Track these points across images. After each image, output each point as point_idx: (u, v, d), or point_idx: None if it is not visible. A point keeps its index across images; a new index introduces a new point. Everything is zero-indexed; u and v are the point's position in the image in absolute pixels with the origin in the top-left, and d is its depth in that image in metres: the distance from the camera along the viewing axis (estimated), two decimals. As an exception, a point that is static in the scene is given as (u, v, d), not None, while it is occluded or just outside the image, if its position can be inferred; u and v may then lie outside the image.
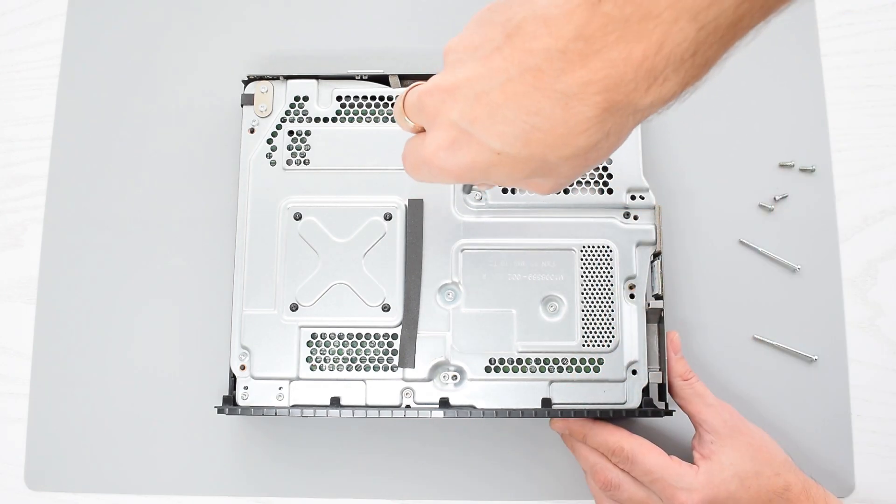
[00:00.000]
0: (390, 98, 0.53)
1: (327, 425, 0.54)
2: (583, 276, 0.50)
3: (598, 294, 0.50)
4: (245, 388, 0.50)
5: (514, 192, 0.51)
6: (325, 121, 0.53)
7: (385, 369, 0.50)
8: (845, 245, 0.56)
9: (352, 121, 0.53)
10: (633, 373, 0.49)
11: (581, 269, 0.50)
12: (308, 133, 0.53)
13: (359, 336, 0.50)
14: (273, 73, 0.54)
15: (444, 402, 0.49)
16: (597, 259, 0.51)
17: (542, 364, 0.49)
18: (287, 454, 0.54)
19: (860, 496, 0.53)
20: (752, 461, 0.46)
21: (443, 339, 0.50)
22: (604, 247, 0.51)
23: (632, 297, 0.50)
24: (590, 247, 0.51)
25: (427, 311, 0.50)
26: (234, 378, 0.50)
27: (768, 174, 0.57)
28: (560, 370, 0.49)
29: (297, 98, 0.53)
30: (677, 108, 0.30)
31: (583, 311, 0.50)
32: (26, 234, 0.58)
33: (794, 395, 0.54)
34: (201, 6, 0.61)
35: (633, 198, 0.51)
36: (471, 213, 0.51)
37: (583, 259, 0.51)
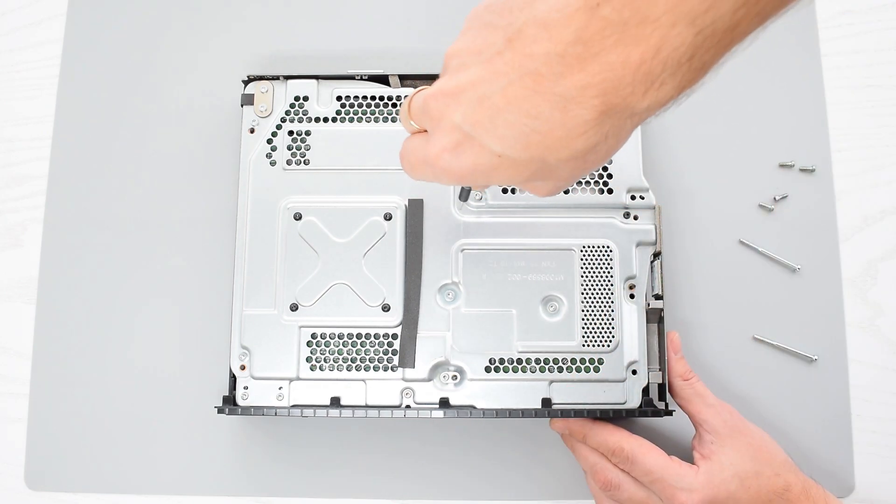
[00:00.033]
0: (390, 98, 0.53)
1: (327, 425, 0.54)
2: (583, 276, 0.50)
3: (598, 294, 0.50)
4: (245, 388, 0.50)
5: (514, 192, 0.51)
6: (325, 121, 0.53)
7: (385, 369, 0.50)
8: (845, 245, 0.56)
9: (352, 121, 0.53)
10: (633, 373, 0.49)
11: (581, 269, 0.50)
12: (308, 133, 0.53)
13: (359, 336, 0.50)
14: (273, 73, 0.54)
15: (444, 402, 0.49)
16: (597, 259, 0.51)
17: (542, 364, 0.49)
18: (287, 454, 0.54)
19: (860, 496, 0.53)
20: (752, 461, 0.46)
21: (443, 339, 0.50)
22: (604, 247, 0.51)
23: (632, 297, 0.50)
24: (590, 247, 0.51)
25: (427, 311, 0.50)
26: (234, 378, 0.50)
27: (768, 174, 0.57)
28: (560, 370, 0.49)
29: (297, 98, 0.53)
30: (677, 108, 0.30)
31: (583, 311, 0.50)
32: (26, 234, 0.58)
33: (794, 395, 0.54)
34: (201, 6, 0.61)
35: (633, 198, 0.51)
36: (471, 213, 0.51)
37: (583, 259, 0.51)
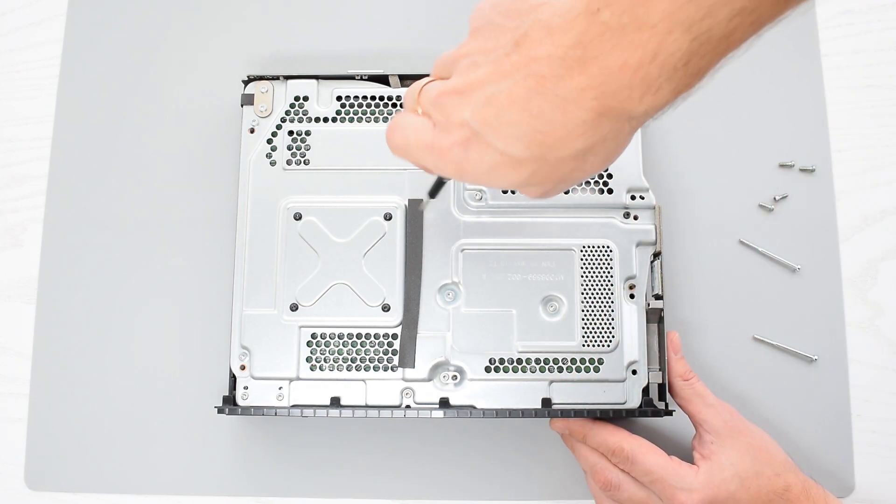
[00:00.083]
0: (390, 98, 0.53)
1: (327, 425, 0.54)
2: (583, 276, 0.50)
3: (598, 294, 0.50)
4: (245, 388, 0.50)
5: (513, 192, 0.51)
6: (325, 121, 0.53)
7: (385, 369, 0.50)
8: (845, 245, 0.56)
9: (352, 121, 0.53)
10: (633, 373, 0.49)
11: (581, 269, 0.50)
12: (308, 133, 0.53)
13: (359, 336, 0.50)
14: (273, 73, 0.53)
15: (444, 402, 0.49)
16: (597, 259, 0.51)
17: (542, 364, 0.49)
18: (287, 454, 0.54)
19: (860, 496, 0.53)
20: (752, 461, 0.46)
21: (443, 339, 0.50)
22: (604, 247, 0.51)
23: (632, 297, 0.50)
24: (590, 247, 0.51)
25: (427, 311, 0.50)
26: (234, 378, 0.50)
27: (768, 174, 0.57)
28: (560, 370, 0.49)
29: (297, 98, 0.53)
30: (675, 111, 0.30)
31: (583, 311, 0.50)
32: (26, 234, 0.58)
33: (794, 395, 0.54)
34: (201, 6, 0.61)
35: (633, 198, 0.51)
36: (471, 213, 0.51)
37: (583, 259, 0.51)
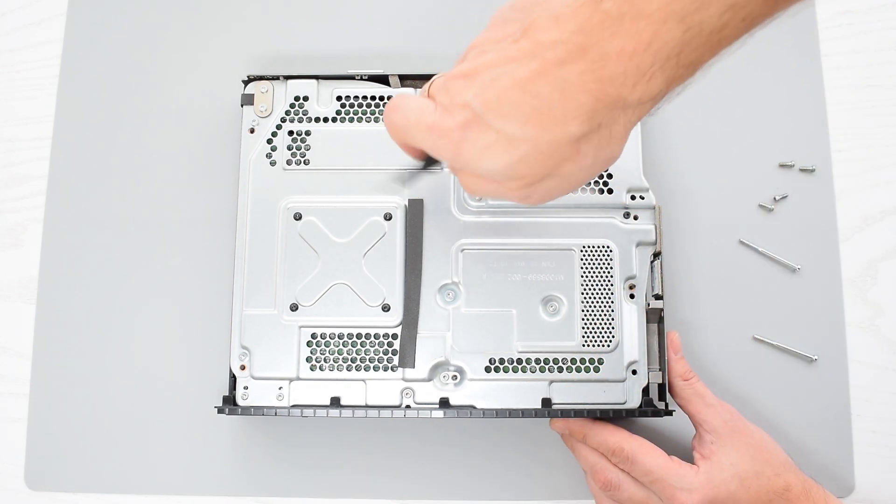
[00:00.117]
0: (390, 98, 0.53)
1: (327, 425, 0.54)
2: (583, 276, 0.50)
3: (598, 294, 0.50)
4: (245, 388, 0.50)
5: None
6: (325, 121, 0.53)
7: (385, 369, 0.50)
8: (845, 245, 0.56)
9: (352, 121, 0.53)
10: (633, 373, 0.49)
11: (581, 269, 0.50)
12: (308, 133, 0.53)
13: (359, 336, 0.50)
14: (273, 73, 0.53)
15: (444, 402, 0.49)
16: (597, 259, 0.51)
17: (542, 364, 0.49)
18: (287, 454, 0.54)
19: (860, 496, 0.53)
20: (752, 461, 0.46)
21: (443, 339, 0.50)
22: (604, 247, 0.51)
23: (632, 297, 0.50)
24: (590, 247, 0.51)
25: (427, 311, 0.50)
26: (234, 378, 0.50)
27: (768, 174, 0.57)
28: (560, 370, 0.49)
29: (297, 98, 0.53)
30: (675, 112, 0.31)
31: (583, 311, 0.50)
32: (26, 234, 0.58)
33: (794, 395, 0.54)
34: (201, 6, 0.61)
35: (633, 198, 0.51)
36: (471, 213, 0.51)
37: (583, 259, 0.51)
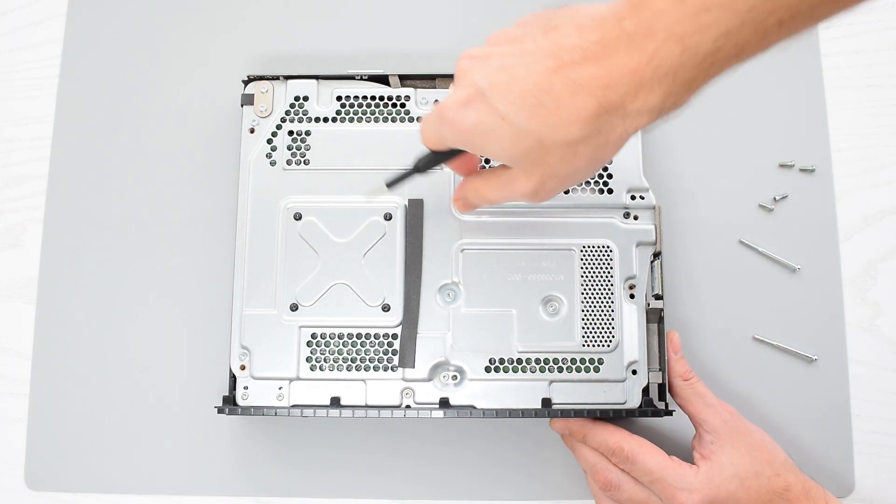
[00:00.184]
0: (390, 98, 0.53)
1: (327, 425, 0.54)
2: (583, 276, 0.50)
3: (598, 294, 0.50)
4: (245, 388, 0.50)
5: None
6: (325, 121, 0.53)
7: (385, 369, 0.50)
8: (845, 245, 0.56)
9: (352, 121, 0.53)
10: (633, 373, 0.49)
11: (581, 269, 0.50)
12: (308, 133, 0.53)
13: (359, 336, 0.50)
14: (273, 73, 0.53)
15: (444, 402, 0.49)
16: (597, 259, 0.51)
17: (542, 364, 0.49)
18: (287, 454, 0.54)
19: (860, 496, 0.53)
20: (752, 461, 0.46)
21: (443, 339, 0.50)
22: (604, 247, 0.51)
23: (632, 297, 0.50)
24: (590, 247, 0.51)
25: (427, 311, 0.50)
26: (234, 378, 0.50)
27: (768, 174, 0.57)
28: (560, 370, 0.49)
29: (297, 98, 0.53)
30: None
31: (583, 311, 0.50)
32: (26, 234, 0.58)
33: (794, 395, 0.54)
34: (201, 6, 0.61)
35: (633, 198, 0.51)
36: (471, 213, 0.51)
37: (583, 259, 0.51)
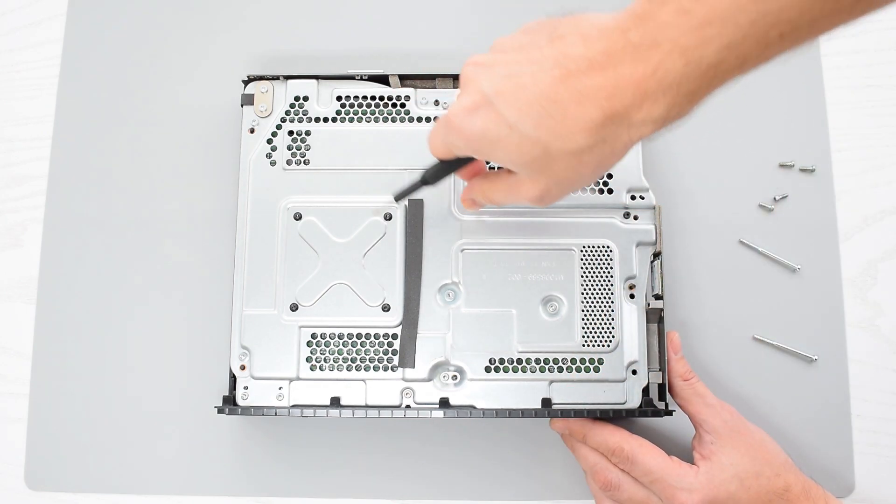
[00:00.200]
0: (390, 98, 0.53)
1: (327, 425, 0.54)
2: (583, 276, 0.50)
3: (598, 294, 0.50)
4: (245, 388, 0.50)
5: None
6: (325, 121, 0.53)
7: (385, 369, 0.50)
8: (845, 245, 0.56)
9: (352, 121, 0.53)
10: (633, 373, 0.49)
11: (581, 269, 0.50)
12: (308, 133, 0.53)
13: (359, 336, 0.50)
14: (273, 73, 0.53)
15: (444, 402, 0.49)
16: (597, 259, 0.51)
17: (542, 364, 0.49)
18: (287, 454, 0.54)
19: (860, 496, 0.53)
20: (752, 462, 0.46)
21: (443, 339, 0.50)
22: (604, 247, 0.51)
23: (632, 297, 0.50)
24: (590, 247, 0.51)
25: (427, 311, 0.50)
26: (234, 378, 0.50)
27: (768, 174, 0.57)
28: (560, 370, 0.49)
29: (297, 98, 0.53)
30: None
31: (583, 311, 0.50)
32: (26, 234, 0.58)
33: (794, 395, 0.54)
34: (201, 6, 0.61)
35: (633, 198, 0.51)
36: (471, 213, 0.51)
37: (583, 259, 0.51)
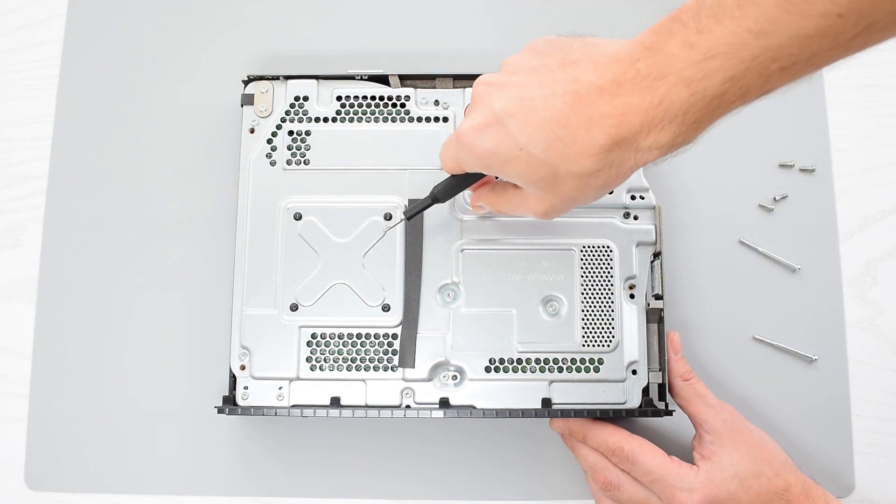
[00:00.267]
0: (390, 98, 0.53)
1: (327, 425, 0.54)
2: (583, 276, 0.50)
3: (598, 294, 0.50)
4: (245, 388, 0.50)
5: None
6: (325, 121, 0.53)
7: (385, 369, 0.50)
8: (845, 245, 0.56)
9: (352, 121, 0.53)
10: (633, 373, 0.49)
11: (581, 269, 0.50)
12: (308, 133, 0.53)
13: (359, 336, 0.50)
14: (273, 73, 0.53)
15: (444, 402, 0.49)
16: (597, 259, 0.51)
17: (542, 364, 0.49)
18: (287, 454, 0.54)
19: (860, 496, 0.53)
20: (752, 462, 0.46)
21: (443, 339, 0.50)
22: (604, 247, 0.51)
23: (632, 297, 0.50)
24: (590, 247, 0.51)
25: (427, 311, 0.50)
26: (234, 378, 0.50)
27: (768, 174, 0.57)
28: (560, 370, 0.49)
29: (297, 98, 0.53)
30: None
31: (583, 311, 0.50)
32: (26, 234, 0.58)
33: (794, 395, 0.54)
34: (201, 6, 0.61)
35: (633, 198, 0.51)
36: (471, 213, 0.51)
37: (583, 259, 0.51)
